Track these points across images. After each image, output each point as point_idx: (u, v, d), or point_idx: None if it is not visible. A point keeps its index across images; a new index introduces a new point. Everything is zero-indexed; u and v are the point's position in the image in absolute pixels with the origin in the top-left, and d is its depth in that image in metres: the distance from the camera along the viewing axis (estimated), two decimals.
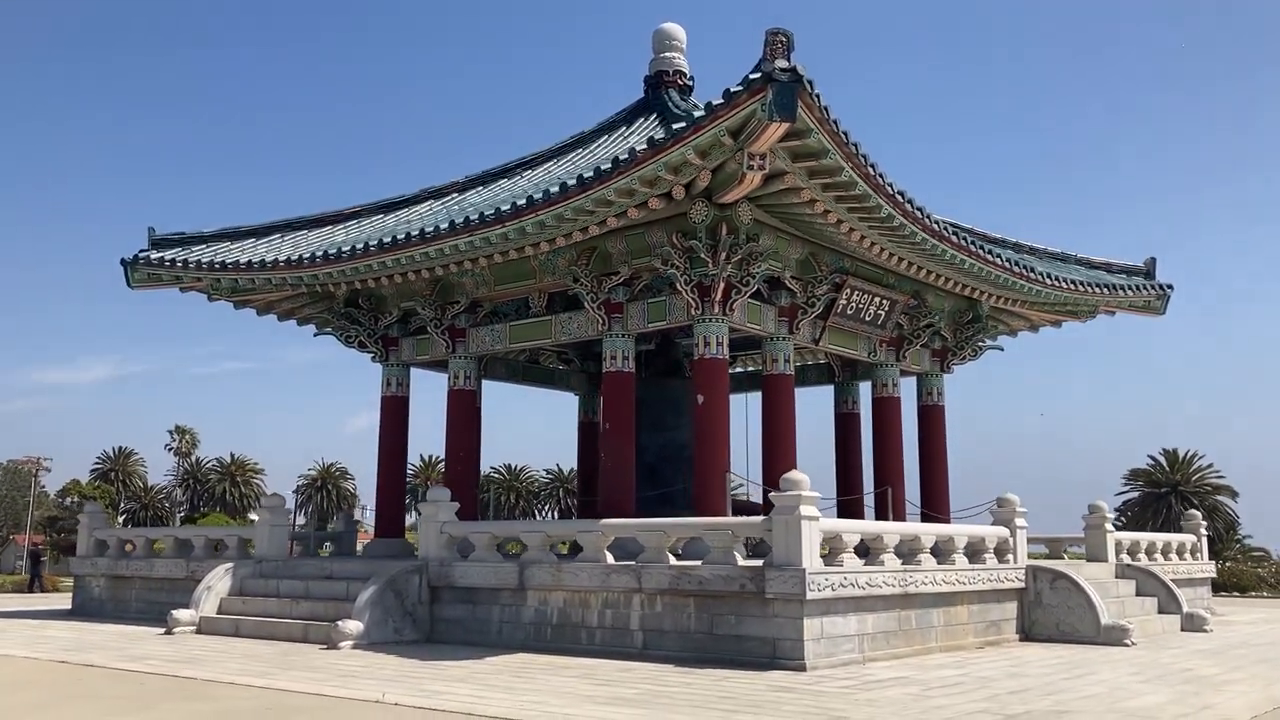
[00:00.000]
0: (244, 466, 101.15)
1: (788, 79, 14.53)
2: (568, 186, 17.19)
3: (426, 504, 17.87)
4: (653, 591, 14.91)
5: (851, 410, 25.72)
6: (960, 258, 19.71)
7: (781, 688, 12.03)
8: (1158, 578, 20.46)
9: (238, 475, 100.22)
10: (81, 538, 24.00)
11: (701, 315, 18.65)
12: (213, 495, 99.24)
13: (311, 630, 16.92)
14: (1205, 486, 66.16)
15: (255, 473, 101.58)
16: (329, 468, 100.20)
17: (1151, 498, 66.26)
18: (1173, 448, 67.92)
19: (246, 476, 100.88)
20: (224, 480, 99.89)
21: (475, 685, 12.17)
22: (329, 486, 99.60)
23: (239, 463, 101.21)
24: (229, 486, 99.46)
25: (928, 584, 15.52)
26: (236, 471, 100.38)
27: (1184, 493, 65.14)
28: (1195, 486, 65.78)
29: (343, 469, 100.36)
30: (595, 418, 27.98)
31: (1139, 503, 66.99)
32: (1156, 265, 25.41)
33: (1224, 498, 65.68)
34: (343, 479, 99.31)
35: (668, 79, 24.37)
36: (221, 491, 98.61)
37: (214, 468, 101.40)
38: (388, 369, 23.81)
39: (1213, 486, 66.22)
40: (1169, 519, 59.12)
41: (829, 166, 16.25)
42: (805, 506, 13.84)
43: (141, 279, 23.54)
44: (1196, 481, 66.21)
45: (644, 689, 11.89)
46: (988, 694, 11.72)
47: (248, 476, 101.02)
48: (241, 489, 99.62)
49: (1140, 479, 67.78)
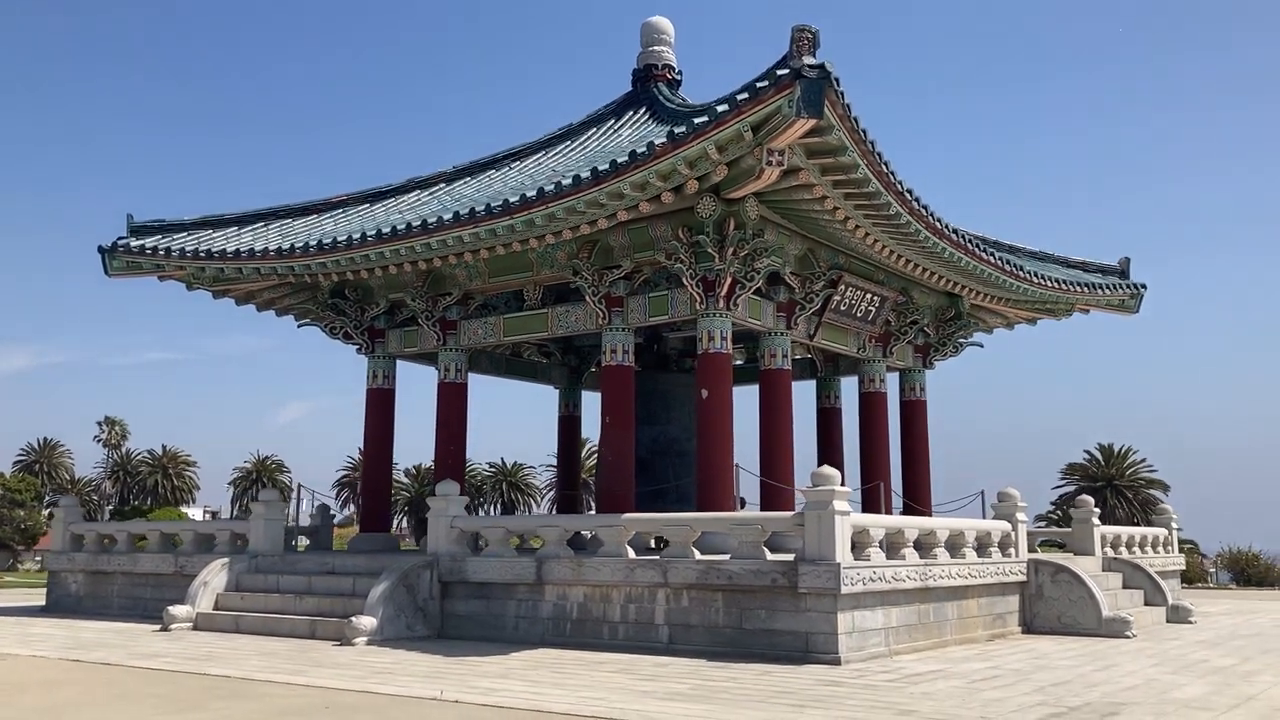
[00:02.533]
0: (176, 458, 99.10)
1: (816, 76, 14.58)
2: (581, 179, 17.07)
3: (435, 499, 17.67)
4: (679, 586, 14.89)
5: (833, 405, 25.94)
6: (958, 255, 19.95)
7: (828, 681, 12.10)
8: (1144, 570, 20.92)
9: (170, 467, 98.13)
10: (57, 532, 23.36)
11: (706, 310, 18.65)
12: (144, 488, 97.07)
13: (319, 626, 16.66)
14: (1139, 481, 67.71)
15: (188, 465, 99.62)
16: (264, 460, 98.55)
17: (1087, 491, 67.64)
18: (1108, 443, 69.41)
19: (179, 469, 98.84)
20: (156, 473, 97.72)
21: (522, 681, 12.07)
22: (265, 479, 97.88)
23: (171, 454, 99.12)
24: (161, 479, 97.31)
25: (944, 578, 15.72)
26: (169, 463, 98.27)
27: (1118, 487, 66.64)
28: (1129, 481, 67.30)
29: (279, 461, 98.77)
30: (576, 411, 27.92)
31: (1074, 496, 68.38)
32: (1130, 265, 25.97)
33: (1156, 491, 67.33)
34: (279, 471, 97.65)
35: (656, 73, 24.36)
36: (154, 484, 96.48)
37: (145, 460, 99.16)
38: (373, 361, 23.47)
39: (1146, 481, 67.80)
40: (1105, 512, 60.44)
41: (845, 164, 16.31)
42: (838, 501, 13.91)
43: (120, 267, 22.97)
44: (1130, 476, 67.75)
45: (693, 683, 11.88)
46: (1032, 686, 11.89)
47: (180, 469, 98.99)
48: (174, 481, 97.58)
49: (1076, 473, 69.18)
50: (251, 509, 20.19)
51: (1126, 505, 65.59)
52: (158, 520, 38.39)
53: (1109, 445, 69.15)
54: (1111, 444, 69.24)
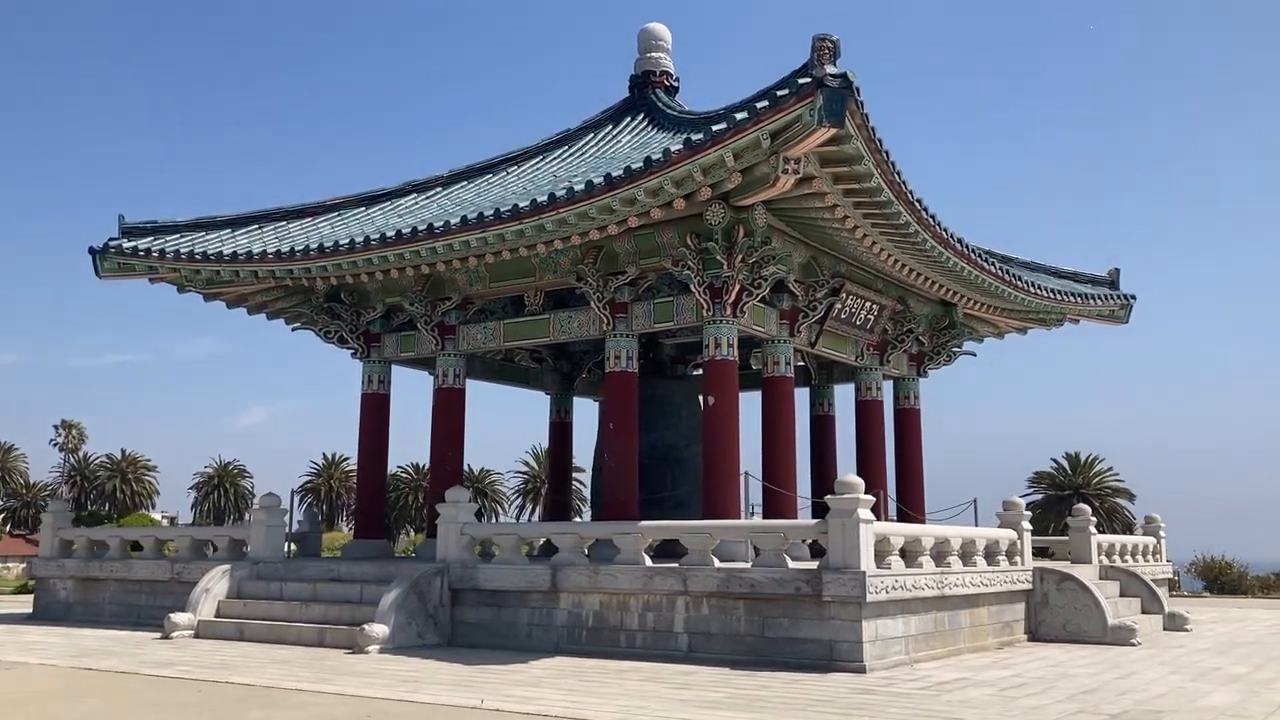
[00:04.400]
0: (136, 463, 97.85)
1: (839, 85, 14.63)
2: (594, 184, 17.02)
3: (445, 505, 17.52)
4: (699, 594, 14.85)
5: (827, 413, 26.01)
6: (961, 265, 20.05)
7: (859, 689, 12.11)
8: (1140, 578, 21.13)
9: (129, 472, 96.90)
10: (45, 538, 22.92)
11: (713, 317, 18.64)
12: (102, 493, 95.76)
13: (328, 634, 16.46)
14: (1105, 489, 68.43)
15: (148, 469, 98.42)
16: (227, 465, 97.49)
17: (1054, 499, 68.25)
18: (1075, 451, 70.15)
19: (139, 473, 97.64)
20: (114, 477, 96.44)
21: (554, 689, 11.98)
22: (226, 485, 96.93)
23: (130, 459, 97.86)
24: (120, 484, 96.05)
25: (959, 586, 15.80)
26: (128, 468, 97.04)
27: (1085, 495, 67.21)
28: (1096, 489, 67.99)
29: (241, 466, 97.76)
30: (567, 418, 27.80)
31: (1042, 504, 69.04)
32: (1120, 276, 26.26)
33: (1122, 500, 68.12)
34: (241, 477, 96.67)
35: (654, 79, 24.38)
36: (112, 489, 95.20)
37: (103, 464, 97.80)
38: (368, 365, 23.25)
39: (1112, 489, 68.53)
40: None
41: (859, 173, 16.34)
42: (863, 510, 13.94)
43: (111, 268, 22.64)
44: (1097, 485, 68.48)
45: (727, 692, 11.84)
46: (1062, 694, 11.95)
47: (140, 473, 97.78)
48: (133, 486, 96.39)
49: (1044, 481, 69.83)
50: (252, 515, 19.92)
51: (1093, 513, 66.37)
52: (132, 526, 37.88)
53: (1076, 454, 69.88)
54: (1078, 453, 70.00)
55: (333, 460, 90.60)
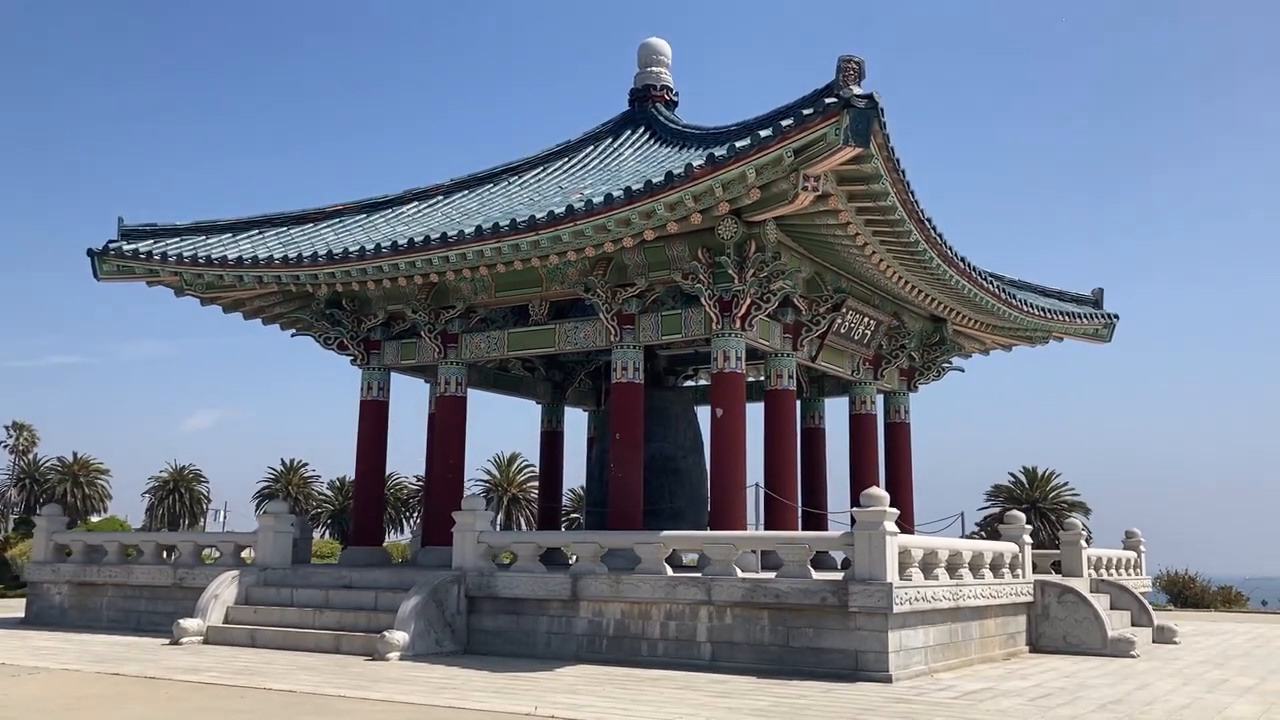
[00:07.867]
0: (88, 466, 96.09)
1: (865, 106, 14.94)
2: (613, 197, 17.22)
3: (462, 513, 17.57)
4: (723, 604, 15.05)
5: (817, 425, 26.35)
6: (962, 283, 20.45)
7: (894, 699, 12.37)
8: (1130, 591, 21.61)
9: (81, 476, 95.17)
10: (38, 542, 22.65)
11: (722, 330, 18.87)
12: (52, 496, 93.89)
13: (344, 641, 16.49)
14: (1061, 503, 69.56)
15: (100, 473, 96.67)
16: (182, 470, 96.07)
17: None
18: (1032, 465, 71.19)
19: (91, 477, 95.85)
20: (65, 481, 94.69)
21: (594, 696, 12.13)
22: (181, 489, 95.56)
23: (82, 462, 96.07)
24: (71, 487, 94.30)
25: (972, 597, 16.13)
26: (80, 471, 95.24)
27: (1041, 509, 68.26)
28: (1052, 503, 69.06)
29: (196, 471, 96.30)
30: (559, 427, 27.93)
31: (999, 517, 70.05)
32: (1104, 295, 26.86)
33: (1078, 514, 69.23)
34: (197, 481, 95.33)
35: (655, 93, 24.66)
36: (63, 493, 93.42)
37: (54, 467, 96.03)
38: (368, 373, 23.23)
39: (1068, 503, 69.62)
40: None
41: (875, 191, 16.65)
42: (888, 522, 14.22)
43: (110, 271, 22.48)
44: (1053, 499, 69.57)
45: (768, 700, 12.04)
46: (1091, 704, 12.29)
47: (92, 477, 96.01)
48: (85, 490, 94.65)
49: (1001, 495, 70.76)
50: (260, 520, 19.84)
51: (1049, 527, 67.37)
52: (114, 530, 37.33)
53: (1033, 468, 70.89)
54: (1035, 467, 71.02)
55: (291, 466, 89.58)
